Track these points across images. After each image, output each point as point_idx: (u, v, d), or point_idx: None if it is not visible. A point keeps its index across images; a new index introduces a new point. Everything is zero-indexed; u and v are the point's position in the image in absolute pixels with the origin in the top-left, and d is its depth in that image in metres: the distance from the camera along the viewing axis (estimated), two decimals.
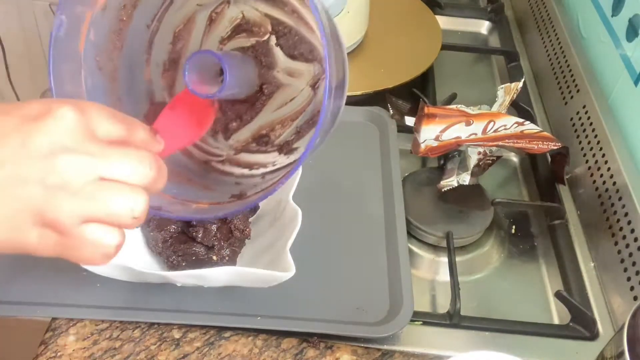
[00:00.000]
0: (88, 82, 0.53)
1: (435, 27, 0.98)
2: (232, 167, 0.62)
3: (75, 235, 0.35)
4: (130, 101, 0.58)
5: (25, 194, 0.34)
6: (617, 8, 0.79)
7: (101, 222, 0.36)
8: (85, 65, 0.53)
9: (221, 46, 0.61)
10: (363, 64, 0.90)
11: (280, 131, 0.62)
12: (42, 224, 0.35)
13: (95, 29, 0.53)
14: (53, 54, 0.50)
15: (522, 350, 0.58)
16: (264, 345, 0.57)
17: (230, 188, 0.59)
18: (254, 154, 0.63)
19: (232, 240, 0.60)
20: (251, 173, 0.61)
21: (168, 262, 0.59)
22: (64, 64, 0.51)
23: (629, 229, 0.64)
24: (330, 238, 0.66)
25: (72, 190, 0.35)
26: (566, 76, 0.85)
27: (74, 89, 0.52)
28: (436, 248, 0.69)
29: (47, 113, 0.35)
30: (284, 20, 0.59)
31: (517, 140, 0.71)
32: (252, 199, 0.54)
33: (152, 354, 0.55)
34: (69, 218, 0.35)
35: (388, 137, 0.77)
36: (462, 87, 0.90)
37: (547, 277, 0.68)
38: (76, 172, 0.35)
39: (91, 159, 0.35)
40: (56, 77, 0.50)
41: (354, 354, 0.57)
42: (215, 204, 0.56)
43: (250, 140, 0.63)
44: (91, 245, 0.36)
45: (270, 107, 0.62)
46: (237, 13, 0.60)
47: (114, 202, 0.35)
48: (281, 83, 0.61)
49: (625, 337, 0.45)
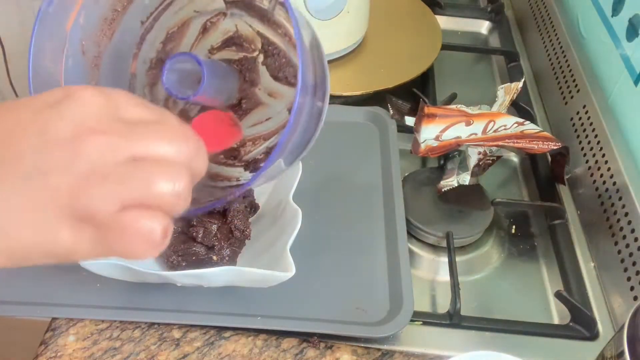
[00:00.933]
0: (69, 62, 0.51)
1: (435, 27, 0.98)
2: None
3: (113, 224, 0.30)
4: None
5: (50, 185, 0.29)
6: (617, 8, 0.79)
7: (141, 207, 0.30)
8: (69, 46, 0.51)
9: (210, 54, 0.62)
10: (363, 64, 0.90)
11: (251, 148, 0.62)
12: (74, 218, 0.30)
13: (86, 13, 0.52)
14: (38, 28, 0.47)
15: (522, 350, 0.58)
16: (264, 345, 0.57)
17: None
18: (220, 166, 0.62)
19: (232, 240, 0.60)
20: (214, 184, 0.61)
21: (168, 262, 0.59)
22: (47, 40, 0.49)
23: (629, 229, 0.64)
24: (330, 238, 0.66)
25: (103, 174, 0.30)
26: (566, 76, 0.85)
27: (52, 65, 0.50)
28: (436, 248, 0.69)
29: (67, 97, 0.31)
30: (275, 42, 0.59)
31: (517, 140, 0.71)
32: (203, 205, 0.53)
33: (152, 354, 0.55)
34: (103, 205, 0.29)
35: (388, 137, 0.77)
36: (462, 87, 0.90)
37: (547, 277, 0.68)
38: (105, 154, 0.30)
39: (120, 138, 0.30)
40: (36, 51, 0.47)
41: (354, 354, 0.57)
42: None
43: (219, 152, 0.62)
44: (134, 233, 0.30)
45: (245, 122, 0.62)
46: (232, 26, 0.60)
47: (152, 180, 0.30)
48: (260, 101, 0.61)
49: (625, 337, 0.45)
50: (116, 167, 0.30)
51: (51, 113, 0.30)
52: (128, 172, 0.30)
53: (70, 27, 0.51)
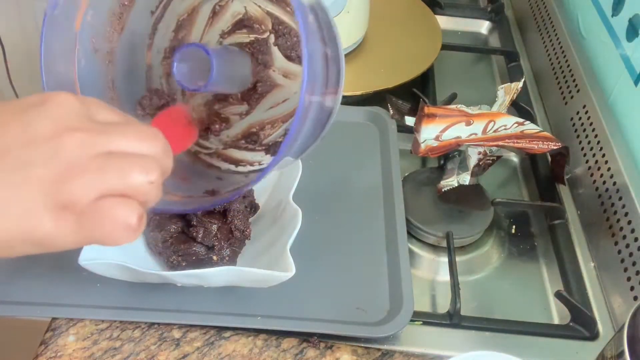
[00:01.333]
0: (82, 63, 0.52)
1: (436, 27, 0.98)
2: (219, 161, 0.63)
3: (92, 211, 0.33)
4: (125, 84, 0.58)
5: (34, 177, 0.32)
6: (617, 8, 0.79)
7: (118, 196, 0.33)
8: (80, 47, 0.52)
9: (221, 39, 0.62)
10: (363, 64, 0.90)
11: (270, 131, 0.62)
12: (56, 207, 0.33)
13: (94, 10, 0.52)
14: (46, 33, 0.48)
15: (522, 350, 0.58)
16: (264, 345, 0.57)
17: (208, 183, 0.59)
18: (242, 151, 0.63)
19: (232, 240, 0.60)
20: (237, 170, 0.61)
21: (168, 262, 0.59)
22: (56, 42, 0.49)
23: (629, 229, 0.64)
24: (330, 238, 0.66)
25: (83, 166, 0.33)
26: (566, 76, 0.85)
27: (66, 68, 0.51)
28: (436, 248, 0.69)
29: (47, 99, 0.34)
30: (285, 21, 0.59)
31: (517, 140, 0.71)
32: (223, 197, 0.54)
33: (152, 354, 0.55)
34: (83, 194, 0.33)
35: (388, 137, 0.77)
36: (462, 87, 0.90)
37: (547, 277, 0.68)
38: (84, 147, 0.33)
39: (96, 135, 0.34)
40: (47, 56, 0.48)
41: (354, 354, 0.57)
42: (187, 197, 0.56)
43: (240, 137, 0.63)
44: (112, 220, 0.33)
45: (262, 106, 0.62)
46: (240, 8, 0.60)
47: (127, 172, 0.33)
48: (276, 83, 0.61)
49: (625, 337, 0.45)
50: (94, 160, 0.33)
51: (33, 113, 0.34)
52: (105, 164, 0.33)
53: (79, 26, 0.51)
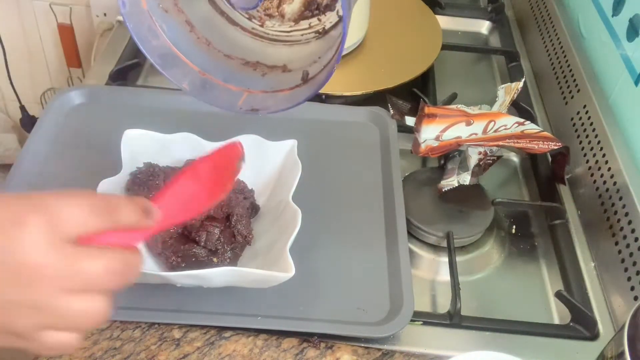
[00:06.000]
0: (164, 28, 0.61)
1: (436, 27, 0.97)
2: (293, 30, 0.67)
3: (33, 340, 0.36)
4: (199, 20, 0.65)
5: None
6: (618, 8, 0.79)
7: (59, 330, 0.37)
8: (155, 17, 0.61)
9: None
10: (363, 64, 0.90)
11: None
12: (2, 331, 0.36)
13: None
14: (131, 27, 0.59)
15: (523, 350, 0.58)
16: (265, 345, 0.57)
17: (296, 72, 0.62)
18: (310, 20, 0.67)
19: (234, 244, 0.60)
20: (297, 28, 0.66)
21: (167, 263, 0.59)
22: (140, 27, 0.60)
23: (630, 228, 0.64)
24: (330, 238, 0.66)
25: (32, 305, 0.35)
26: (566, 76, 0.85)
27: (157, 41, 0.61)
28: (436, 248, 0.69)
29: (13, 225, 0.35)
30: None
31: (518, 140, 0.71)
32: (319, 78, 0.57)
33: (152, 354, 0.55)
34: (25, 329, 0.36)
35: (388, 137, 0.77)
36: (462, 87, 0.90)
37: (548, 277, 0.68)
38: (36, 288, 0.35)
39: (54, 273, 0.35)
40: (141, 41, 0.60)
41: (355, 353, 0.57)
42: (291, 90, 0.60)
43: (303, 9, 0.66)
44: (48, 348, 0.37)
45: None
46: None
47: (70, 315, 0.36)
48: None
49: (625, 337, 0.45)
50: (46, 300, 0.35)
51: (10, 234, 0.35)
52: (49, 305, 0.36)
53: (145, 4, 0.60)
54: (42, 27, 1.38)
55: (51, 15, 1.34)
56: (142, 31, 0.60)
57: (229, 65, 0.65)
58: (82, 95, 0.79)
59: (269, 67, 0.65)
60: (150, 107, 0.77)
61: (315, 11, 0.66)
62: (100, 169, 0.62)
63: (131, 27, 0.59)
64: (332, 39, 0.64)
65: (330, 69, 0.55)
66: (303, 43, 0.67)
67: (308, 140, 0.70)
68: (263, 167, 0.67)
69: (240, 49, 0.66)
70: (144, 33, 0.60)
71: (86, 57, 1.40)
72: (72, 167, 0.70)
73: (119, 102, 0.78)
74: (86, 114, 0.77)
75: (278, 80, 0.63)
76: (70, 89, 0.79)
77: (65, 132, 0.74)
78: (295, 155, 0.65)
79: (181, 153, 0.67)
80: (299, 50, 0.67)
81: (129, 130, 0.65)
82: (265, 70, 0.65)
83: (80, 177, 0.66)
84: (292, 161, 0.66)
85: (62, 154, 0.71)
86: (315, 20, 0.67)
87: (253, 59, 0.66)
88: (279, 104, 0.60)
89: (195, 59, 0.63)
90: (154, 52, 0.61)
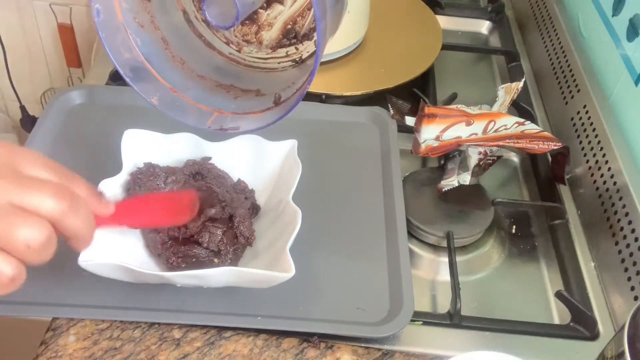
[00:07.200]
0: (138, 42, 0.61)
1: (436, 27, 0.98)
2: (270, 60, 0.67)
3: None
4: (175, 39, 0.64)
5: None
6: (618, 8, 0.79)
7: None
8: (129, 30, 0.60)
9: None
10: (363, 64, 0.90)
11: (302, 22, 0.65)
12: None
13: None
14: (103, 37, 0.58)
15: (523, 350, 0.58)
16: (265, 345, 0.57)
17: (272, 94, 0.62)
18: (287, 48, 0.67)
19: (237, 245, 0.60)
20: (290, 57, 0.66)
21: (167, 263, 0.59)
22: (113, 39, 0.59)
23: (630, 228, 0.64)
24: (330, 238, 0.66)
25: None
26: (567, 76, 0.85)
27: (130, 54, 0.60)
28: (436, 248, 0.69)
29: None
30: None
31: (518, 140, 0.71)
32: (290, 101, 0.57)
33: (152, 354, 0.55)
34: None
35: (388, 137, 0.77)
36: (462, 87, 0.90)
37: (548, 277, 0.68)
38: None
39: (5, 184, 0.36)
40: (113, 52, 0.59)
41: (355, 354, 0.57)
42: (262, 112, 0.60)
43: (281, 37, 0.66)
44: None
45: (286, 3, 0.65)
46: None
47: (11, 230, 0.36)
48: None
49: (625, 337, 0.45)
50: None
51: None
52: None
53: (121, 16, 0.59)
54: (42, 27, 1.38)
55: (51, 15, 1.34)
56: (114, 43, 0.59)
57: (202, 86, 0.64)
58: (82, 95, 0.79)
59: (242, 91, 0.65)
60: (150, 107, 0.77)
61: (293, 40, 0.66)
62: (100, 169, 0.62)
63: (104, 37, 0.58)
64: (309, 67, 0.64)
65: (302, 92, 0.55)
66: (279, 71, 0.67)
67: (308, 140, 0.70)
68: (263, 167, 0.67)
69: (214, 71, 0.66)
70: (117, 45, 0.59)
71: (86, 57, 1.40)
72: (72, 167, 0.68)
73: (119, 102, 0.78)
74: (86, 114, 0.77)
75: (250, 103, 0.63)
76: (70, 89, 0.79)
77: (65, 132, 0.74)
78: (296, 155, 0.65)
79: (181, 153, 0.67)
80: (274, 77, 0.67)
81: (129, 130, 0.65)
82: (239, 93, 0.64)
83: (80, 177, 0.66)
84: (292, 161, 0.66)
85: (62, 154, 0.71)
86: (292, 49, 0.67)
87: (227, 82, 0.65)
88: (248, 125, 0.60)
89: (167, 76, 0.63)
90: (126, 64, 0.60)
